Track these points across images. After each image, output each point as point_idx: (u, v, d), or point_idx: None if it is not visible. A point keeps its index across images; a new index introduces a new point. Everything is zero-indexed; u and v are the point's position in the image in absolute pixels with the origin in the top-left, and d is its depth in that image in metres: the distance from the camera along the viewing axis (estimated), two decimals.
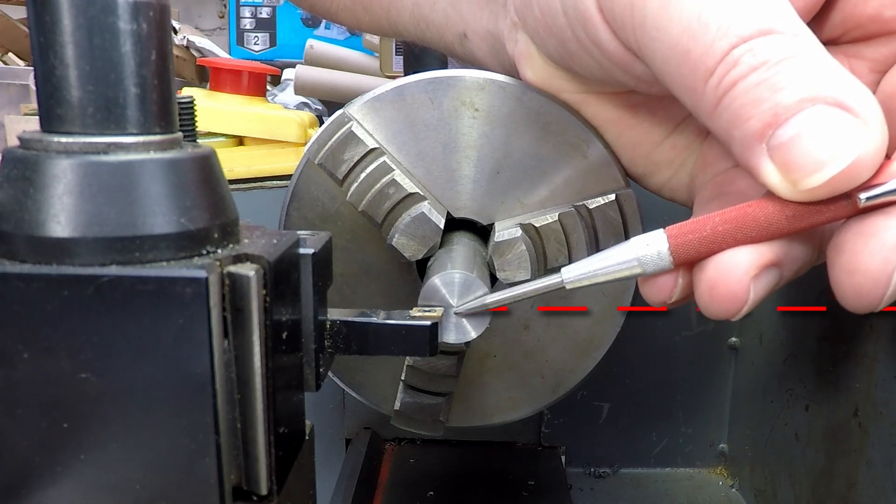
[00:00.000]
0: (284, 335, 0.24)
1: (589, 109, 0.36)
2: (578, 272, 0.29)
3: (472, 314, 0.33)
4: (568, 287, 0.29)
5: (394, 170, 0.36)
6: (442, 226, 0.36)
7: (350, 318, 0.29)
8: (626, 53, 0.29)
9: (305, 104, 1.20)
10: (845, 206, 0.24)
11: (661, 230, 0.27)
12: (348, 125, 0.37)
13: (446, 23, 0.40)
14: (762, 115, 0.23)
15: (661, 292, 0.29)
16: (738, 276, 0.26)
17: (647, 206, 0.38)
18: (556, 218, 0.37)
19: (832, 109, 0.23)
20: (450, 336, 0.33)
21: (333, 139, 0.37)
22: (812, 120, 0.23)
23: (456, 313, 0.33)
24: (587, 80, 0.34)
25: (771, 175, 0.24)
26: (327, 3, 0.46)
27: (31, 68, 0.36)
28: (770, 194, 0.25)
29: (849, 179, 0.23)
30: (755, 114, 0.24)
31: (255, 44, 1.83)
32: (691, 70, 0.25)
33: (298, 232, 0.27)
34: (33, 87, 0.23)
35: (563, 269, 0.29)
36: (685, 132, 0.35)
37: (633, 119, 0.35)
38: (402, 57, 0.65)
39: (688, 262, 0.28)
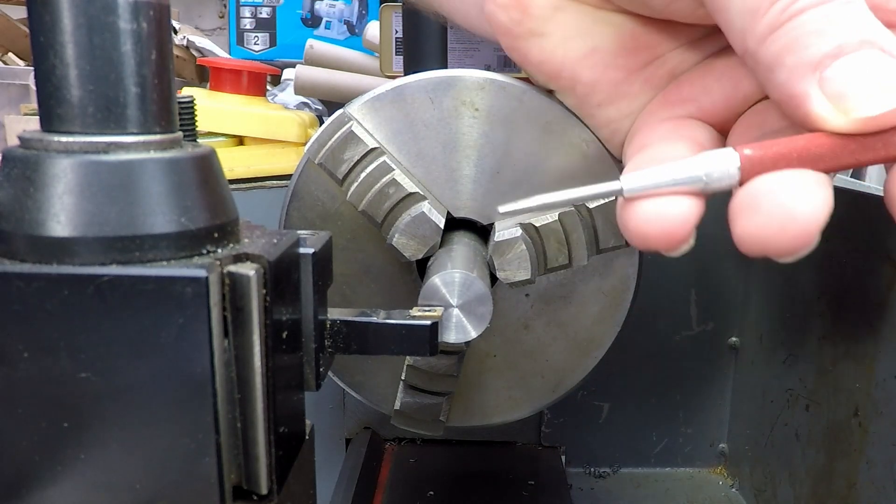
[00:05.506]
0: (284, 335, 0.24)
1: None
2: (641, 183, 0.27)
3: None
4: (626, 196, 0.27)
5: (394, 169, 0.36)
6: (442, 225, 0.36)
7: (350, 318, 0.29)
8: None
9: (305, 104, 1.20)
10: None
11: (733, 150, 0.26)
12: (348, 125, 0.37)
13: None
14: (824, 45, 0.24)
15: (685, 227, 0.27)
16: (810, 213, 0.24)
17: None
18: (556, 218, 0.37)
19: (888, 57, 0.24)
20: (450, 336, 0.33)
21: (333, 139, 0.37)
22: (872, 59, 0.24)
23: (501, 212, 0.29)
24: None
25: (819, 103, 0.25)
26: None
27: (31, 68, 0.36)
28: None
29: None
30: (817, 43, 0.25)
31: (255, 44, 1.83)
32: None
33: (298, 231, 0.27)
34: (33, 87, 0.23)
35: (623, 177, 0.27)
36: (663, 67, 0.34)
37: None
38: (402, 57, 0.65)
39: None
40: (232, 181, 0.59)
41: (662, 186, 0.27)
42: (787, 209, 0.24)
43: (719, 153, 0.26)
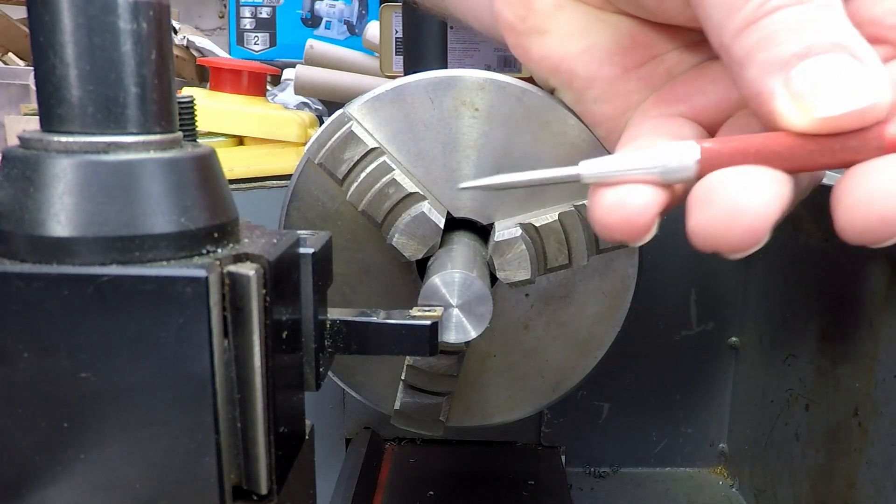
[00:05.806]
0: (284, 335, 0.24)
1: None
2: (598, 169, 0.27)
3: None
4: (584, 181, 0.27)
5: (394, 169, 0.36)
6: (442, 225, 0.36)
7: (350, 318, 0.29)
8: None
9: (305, 104, 1.20)
10: (873, 147, 0.24)
11: (694, 142, 0.26)
12: (348, 125, 0.37)
13: None
14: (795, 44, 0.24)
15: (644, 216, 0.27)
16: (758, 208, 0.24)
17: None
18: (556, 217, 0.37)
19: (856, 62, 0.24)
20: (450, 336, 0.33)
21: (333, 139, 0.37)
22: (840, 62, 0.24)
23: (461, 188, 0.31)
24: None
25: (783, 101, 0.25)
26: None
27: (31, 68, 0.36)
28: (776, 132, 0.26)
29: (861, 119, 0.24)
30: (788, 41, 0.24)
31: (255, 44, 1.83)
32: None
33: (298, 231, 0.27)
34: (33, 87, 0.23)
35: (581, 163, 0.27)
36: (660, 67, 0.34)
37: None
38: (402, 57, 0.65)
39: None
40: (232, 181, 0.59)
41: (621, 174, 0.27)
42: (736, 203, 0.24)
43: (680, 145, 0.26)
